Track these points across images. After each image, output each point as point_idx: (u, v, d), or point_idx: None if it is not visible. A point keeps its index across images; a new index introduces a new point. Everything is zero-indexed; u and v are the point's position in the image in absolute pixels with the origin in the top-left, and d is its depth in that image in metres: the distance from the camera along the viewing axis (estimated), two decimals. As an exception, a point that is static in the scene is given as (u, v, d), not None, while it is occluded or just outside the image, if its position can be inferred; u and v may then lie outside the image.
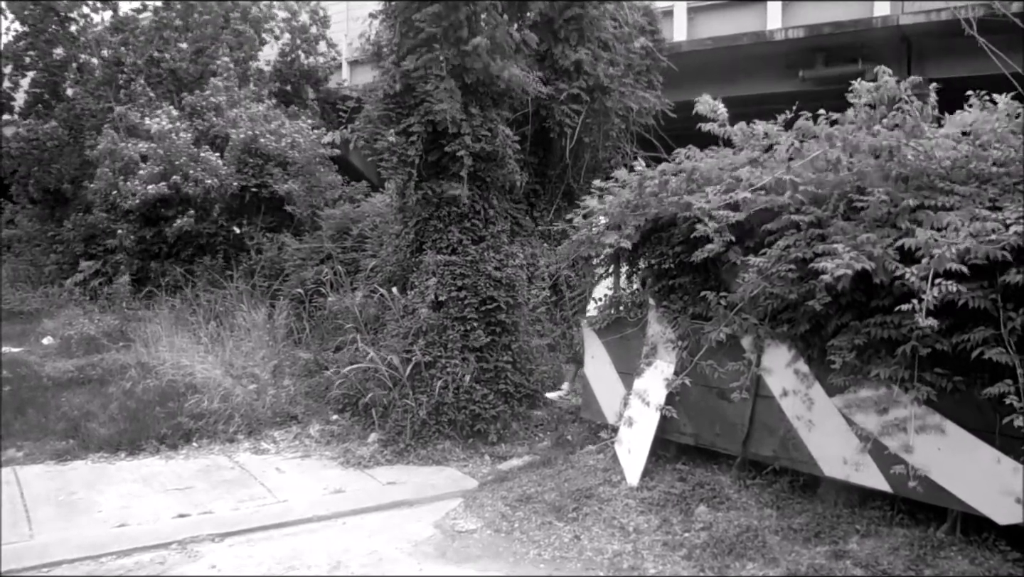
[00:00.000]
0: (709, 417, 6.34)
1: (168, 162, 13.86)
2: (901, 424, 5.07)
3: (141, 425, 8.22)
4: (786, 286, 5.41)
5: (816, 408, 5.59)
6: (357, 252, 10.78)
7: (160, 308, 12.41)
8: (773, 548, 5.19)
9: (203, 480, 7.08)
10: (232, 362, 9.60)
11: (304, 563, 5.41)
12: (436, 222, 8.41)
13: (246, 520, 6.17)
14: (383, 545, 5.70)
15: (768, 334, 5.84)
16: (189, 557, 5.54)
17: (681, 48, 16.01)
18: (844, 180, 5.62)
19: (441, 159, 8.33)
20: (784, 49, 15.45)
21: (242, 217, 14.26)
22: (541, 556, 5.49)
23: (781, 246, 5.43)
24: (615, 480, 6.48)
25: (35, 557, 5.44)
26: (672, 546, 5.42)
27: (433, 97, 8.02)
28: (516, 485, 6.71)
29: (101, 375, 10.29)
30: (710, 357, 6.21)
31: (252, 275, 12.32)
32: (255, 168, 14.36)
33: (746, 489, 5.99)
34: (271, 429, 8.37)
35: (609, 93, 9.84)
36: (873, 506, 5.46)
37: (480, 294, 7.91)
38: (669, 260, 6.44)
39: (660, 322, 6.65)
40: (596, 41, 10.01)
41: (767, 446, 5.95)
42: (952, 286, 4.42)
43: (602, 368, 7.34)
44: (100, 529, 5.98)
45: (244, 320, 10.69)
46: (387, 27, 9.14)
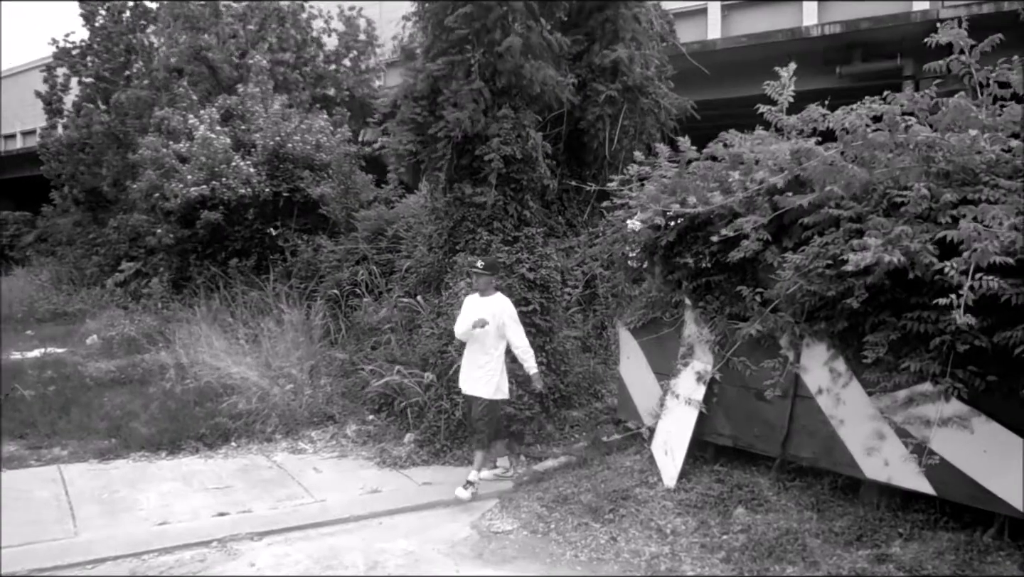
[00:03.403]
0: (747, 418, 6.27)
1: (209, 169, 14.07)
2: (944, 425, 4.98)
3: (181, 425, 8.33)
4: (824, 283, 5.32)
5: (857, 409, 5.49)
6: (392, 253, 10.84)
7: (198, 309, 12.58)
8: (814, 551, 5.11)
9: (242, 479, 7.16)
10: (269, 362, 9.70)
11: (341, 563, 5.44)
12: (468, 224, 8.42)
13: (284, 519, 6.22)
14: (419, 545, 5.71)
15: (806, 332, 5.76)
16: (228, 555, 5.60)
17: (715, 46, 15.92)
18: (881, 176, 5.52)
19: (472, 162, 8.35)
20: (821, 46, 15.27)
21: (277, 220, 14.41)
22: (578, 557, 5.47)
23: (819, 243, 5.36)
24: (652, 481, 6.44)
25: (80, 554, 5.53)
26: (710, 548, 5.37)
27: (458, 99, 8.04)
28: (552, 486, 6.69)
29: (142, 375, 10.47)
30: (747, 357, 6.15)
31: (289, 277, 12.43)
32: (285, 173, 14.52)
33: (785, 491, 5.92)
34: (308, 429, 8.44)
35: (646, 93, 9.79)
36: (916, 509, 5.36)
37: (514, 295, 7.90)
38: (705, 259, 6.37)
39: (697, 322, 6.59)
40: (631, 41, 9.96)
41: (807, 448, 5.87)
42: (993, 281, 4.32)
43: (638, 369, 7.30)
44: (142, 527, 6.06)
45: (281, 321, 10.80)
46: (419, 29, 9.19)
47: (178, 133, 15.54)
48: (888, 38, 14.46)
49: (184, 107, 16.43)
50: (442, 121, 8.22)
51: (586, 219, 10.17)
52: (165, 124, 15.98)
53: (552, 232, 9.92)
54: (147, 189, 14.95)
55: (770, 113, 6.30)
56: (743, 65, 15.43)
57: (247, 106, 15.80)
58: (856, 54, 15.25)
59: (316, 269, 12.35)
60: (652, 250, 6.91)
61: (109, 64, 20.45)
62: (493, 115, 8.15)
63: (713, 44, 15.98)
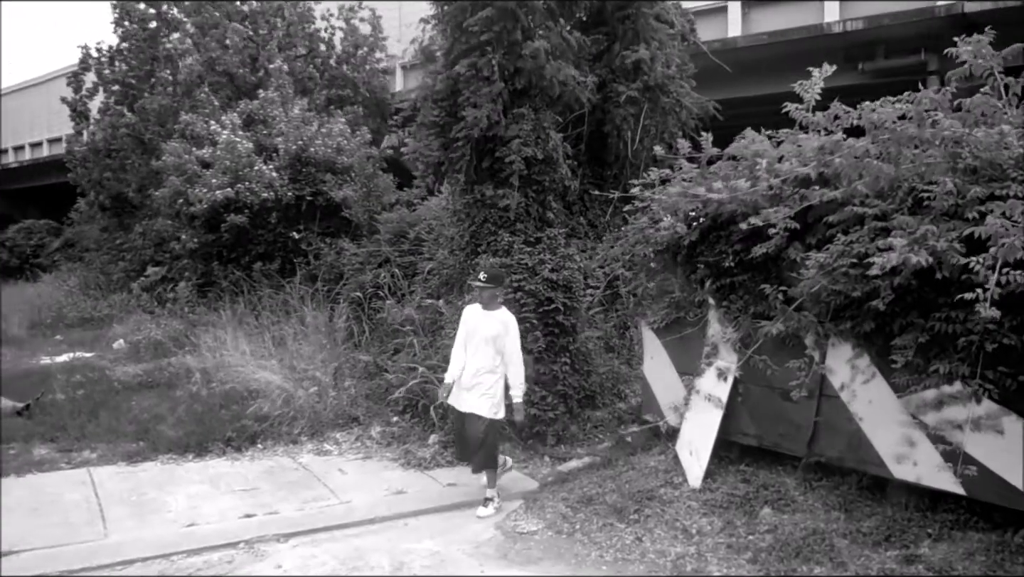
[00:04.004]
0: (772, 418, 6.24)
1: (233, 172, 14.21)
2: (972, 425, 4.92)
3: (207, 428, 8.41)
4: (849, 283, 5.28)
5: (883, 408, 5.45)
6: (414, 255, 10.87)
7: (223, 312, 12.70)
8: (841, 552, 5.08)
9: (268, 481, 7.21)
10: (294, 365, 9.77)
11: (367, 564, 5.46)
12: (490, 225, 8.43)
13: (310, 521, 6.26)
14: (445, 546, 5.73)
15: (832, 332, 5.72)
16: (256, 557, 5.64)
17: (736, 44, 15.84)
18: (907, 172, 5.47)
19: (493, 164, 8.36)
20: (843, 42, 15.15)
21: (299, 223, 14.52)
22: (603, 558, 5.46)
23: (844, 241, 5.32)
24: (677, 482, 6.42)
25: (109, 556, 5.59)
26: (736, 549, 5.34)
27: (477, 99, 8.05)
28: (577, 486, 6.69)
29: (168, 378, 10.59)
30: (772, 356, 6.11)
31: (312, 280, 12.51)
32: (308, 177, 14.64)
33: (812, 491, 5.88)
34: (333, 431, 8.49)
35: (667, 93, 9.76)
36: (945, 509, 5.30)
37: (537, 296, 7.91)
38: (729, 258, 6.35)
39: (721, 322, 6.56)
40: (652, 40, 9.94)
41: (833, 447, 5.83)
42: (1021, 276, 4.26)
43: (662, 368, 7.28)
44: (170, 529, 6.12)
45: (304, 324, 10.88)
46: (439, 31, 9.22)
47: (201, 139, 15.71)
48: (911, 33, 14.32)
49: (207, 113, 16.63)
50: (462, 122, 8.25)
51: (608, 220, 10.16)
52: (189, 130, 16.17)
53: (574, 233, 9.92)
54: (171, 196, 15.13)
55: (796, 111, 6.25)
56: (764, 63, 15.37)
57: (267, 111, 15.95)
58: (879, 50, 15.13)
59: (339, 272, 12.42)
60: (675, 250, 6.90)
61: (135, 71, 20.75)
62: (513, 116, 8.15)
63: (734, 42, 15.90)
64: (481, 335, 6.35)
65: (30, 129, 36.29)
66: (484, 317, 6.42)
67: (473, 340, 6.40)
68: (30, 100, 35.74)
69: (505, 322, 6.38)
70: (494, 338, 6.30)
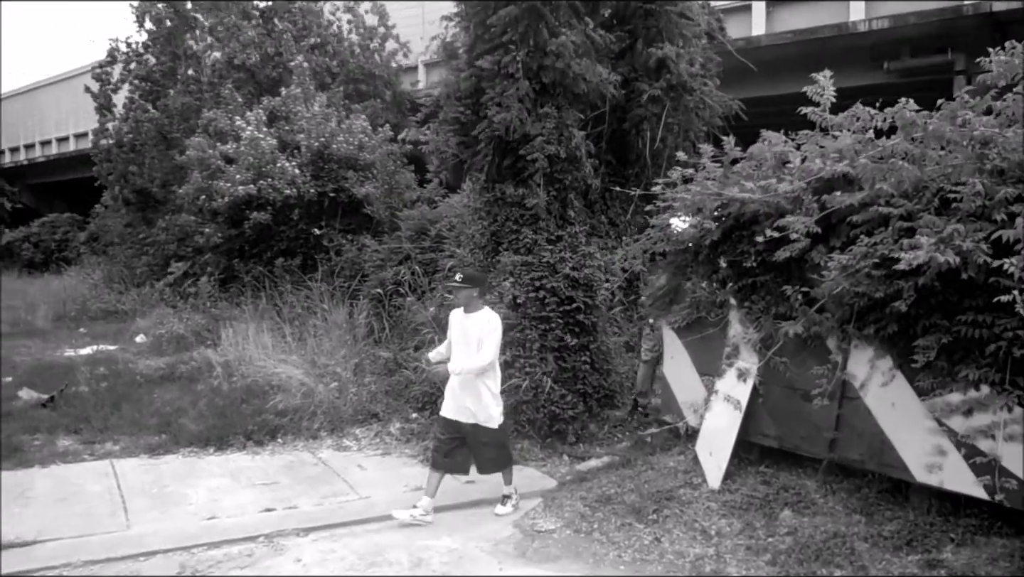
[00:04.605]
0: (793, 419, 6.19)
1: (256, 168, 14.31)
2: (996, 429, 4.86)
3: (228, 421, 8.48)
4: (872, 284, 5.23)
5: (906, 411, 5.39)
6: (435, 252, 10.89)
7: (245, 308, 12.80)
8: (862, 556, 5.03)
9: (288, 476, 7.26)
10: (314, 360, 9.82)
11: (386, 559, 5.48)
12: (511, 223, 8.43)
13: (329, 515, 6.30)
14: (463, 544, 5.74)
15: (854, 334, 5.66)
16: (275, 550, 5.68)
17: (760, 42, 15.77)
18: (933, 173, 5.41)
19: (516, 162, 8.36)
20: (868, 41, 15.05)
21: (321, 220, 14.60)
22: (621, 558, 5.45)
23: (867, 243, 5.27)
24: (696, 482, 6.39)
25: (131, 547, 5.66)
26: (756, 551, 5.31)
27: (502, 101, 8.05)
28: (595, 486, 6.67)
29: (190, 372, 10.67)
30: (793, 358, 6.07)
31: (333, 276, 12.57)
32: (330, 174, 14.72)
33: (832, 494, 5.83)
34: (353, 427, 8.52)
35: (691, 91, 9.71)
36: (968, 514, 5.23)
37: (559, 295, 7.91)
38: (751, 258, 6.30)
39: (742, 322, 6.53)
40: (675, 39, 9.89)
41: (854, 450, 5.78)
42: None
43: (682, 369, 7.25)
44: (191, 521, 6.19)
45: (325, 320, 10.94)
46: (461, 29, 9.23)
47: (225, 134, 15.83)
48: (938, 32, 14.19)
49: (230, 109, 16.76)
50: (485, 121, 8.25)
51: (629, 218, 10.13)
52: (212, 125, 16.30)
53: (594, 231, 9.89)
54: (194, 192, 15.26)
55: (814, 114, 6.20)
56: (788, 62, 15.27)
57: (290, 107, 16.05)
58: (904, 49, 15.01)
59: (360, 268, 12.47)
60: (697, 250, 6.86)
61: (159, 67, 20.97)
62: (536, 115, 8.15)
63: (758, 41, 15.83)
64: (466, 338, 6.15)
65: (56, 124, 36.72)
66: (466, 320, 6.21)
67: (459, 345, 6.22)
68: (57, 95, 36.17)
69: (488, 320, 6.12)
70: (476, 340, 6.07)
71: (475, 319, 6.15)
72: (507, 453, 6.41)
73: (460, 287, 6.18)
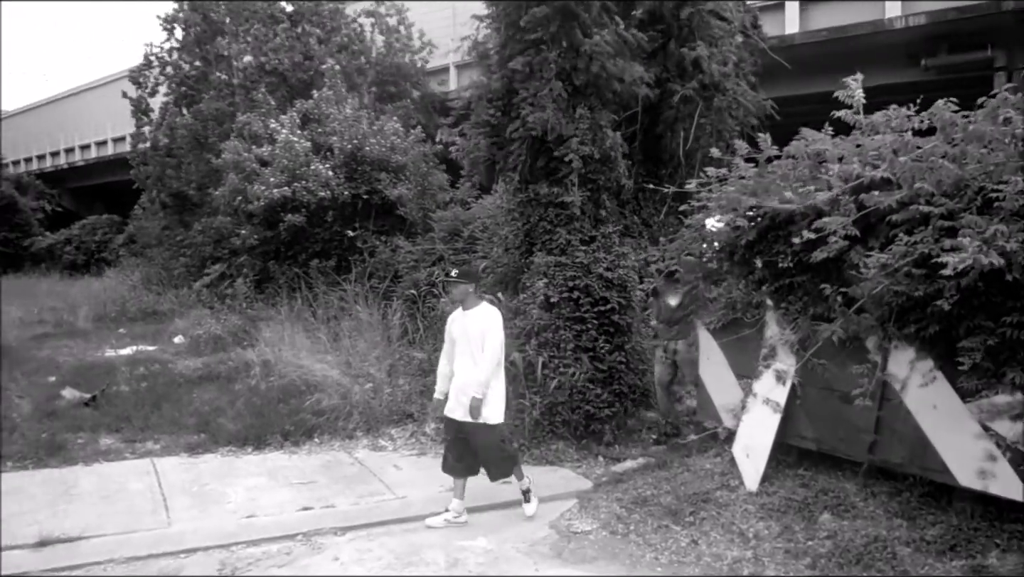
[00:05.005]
0: (832, 421, 6.12)
1: (291, 171, 14.46)
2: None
3: (266, 421, 8.58)
4: (912, 284, 5.16)
5: (949, 414, 5.30)
6: (468, 253, 10.93)
7: (281, 308, 12.94)
8: (904, 560, 4.96)
9: (324, 475, 7.33)
10: (349, 361, 9.91)
11: (422, 559, 5.51)
12: (545, 224, 8.42)
13: (366, 515, 6.35)
14: (499, 544, 5.75)
15: (894, 335, 5.57)
16: (313, 549, 5.74)
17: (793, 40, 15.62)
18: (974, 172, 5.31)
19: (549, 163, 8.36)
20: (904, 38, 14.85)
21: (355, 221, 14.73)
22: (658, 560, 5.43)
23: (907, 242, 5.19)
24: (733, 485, 6.35)
25: (172, 544, 5.76)
26: (795, 554, 5.27)
27: (536, 101, 8.05)
28: (631, 487, 6.66)
29: (228, 372, 10.81)
30: (832, 359, 6.00)
31: (367, 277, 12.66)
32: (363, 175, 14.84)
33: (873, 498, 5.75)
34: (388, 427, 8.58)
35: (724, 91, 9.65)
36: (1014, 519, 5.11)
37: (593, 295, 7.90)
38: (787, 258, 6.24)
39: (779, 323, 6.46)
40: (708, 38, 9.83)
41: (895, 453, 5.70)
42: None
43: (718, 370, 7.21)
44: (230, 519, 6.27)
45: (359, 320, 11.02)
46: (492, 30, 9.24)
47: (259, 137, 16.02)
48: (977, 28, 13.96)
49: (264, 112, 16.96)
50: (518, 121, 8.26)
51: (662, 219, 10.08)
52: (247, 129, 16.51)
53: (627, 232, 9.86)
54: (230, 194, 15.46)
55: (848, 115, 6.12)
56: (822, 59, 15.11)
57: (322, 109, 16.21)
58: (942, 46, 14.78)
59: (394, 269, 12.56)
60: (732, 250, 6.81)
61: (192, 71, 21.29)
62: (569, 115, 8.14)
63: (791, 39, 15.68)
64: (467, 337, 6.03)
65: (95, 128, 37.39)
66: (466, 318, 6.09)
67: (459, 345, 6.09)
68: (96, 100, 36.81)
69: (487, 315, 6.02)
70: (479, 338, 5.94)
71: (474, 315, 6.05)
72: (510, 454, 6.23)
73: (456, 282, 6.13)
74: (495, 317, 6.05)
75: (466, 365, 6.03)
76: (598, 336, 7.91)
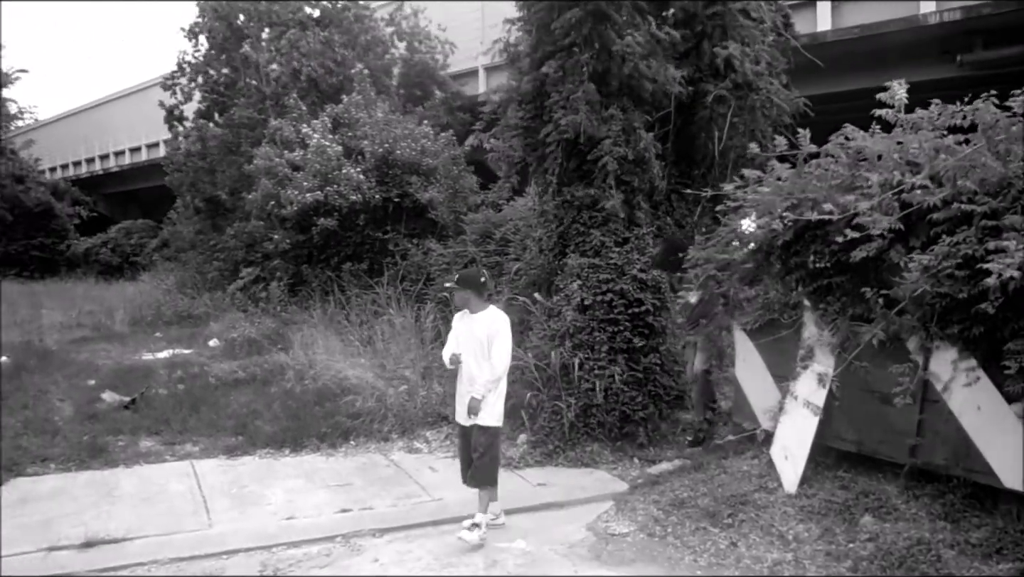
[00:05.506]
0: (872, 423, 6.05)
1: (323, 176, 14.60)
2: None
3: (302, 424, 8.67)
4: (955, 285, 5.09)
5: (993, 415, 5.21)
6: (500, 256, 10.95)
7: (314, 312, 13.05)
8: (948, 563, 4.90)
9: (361, 477, 7.39)
10: (383, 364, 9.99)
11: (461, 560, 5.54)
12: (578, 226, 8.43)
13: (404, 517, 6.40)
14: (537, 546, 5.77)
15: (936, 336, 5.50)
16: (352, 550, 5.80)
17: (825, 38, 15.43)
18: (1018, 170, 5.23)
19: (581, 165, 8.36)
20: (939, 33, 14.62)
21: (386, 225, 14.83)
22: (697, 562, 5.41)
23: (950, 242, 5.13)
24: (771, 487, 6.29)
25: (214, 545, 5.84)
26: (836, 557, 5.22)
27: (568, 104, 8.04)
28: (668, 489, 6.64)
29: (263, 375, 10.93)
30: (872, 360, 5.93)
31: (399, 280, 12.74)
32: (394, 179, 14.93)
33: (915, 500, 5.66)
34: (423, 429, 8.64)
35: (757, 90, 9.58)
36: (1063, 522, 5.06)
37: (627, 297, 7.89)
38: (825, 258, 6.18)
39: (817, 324, 6.40)
40: (739, 38, 9.76)
41: (938, 455, 5.62)
42: None
43: (754, 371, 7.16)
44: (270, 521, 6.35)
45: (393, 323, 11.08)
46: (524, 32, 9.25)
47: (291, 143, 16.18)
48: (1014, 23, 13.69)
49: (295, 117, 17.13)
50: (551, 125, 8.26)
51: (695, 220, 10.02)
52: (279, 135, 16.68)
53: (660, 233, 9.82)
54: (262, 199, 15.64)
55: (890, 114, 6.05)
56: (855, 57, 14.96)
57: (352, 114, 16.33)
58: (977, 41, 14.54)
59: (426, 272, 12.62)
60: (768, 251, 6.76)
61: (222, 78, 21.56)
62: (602, 117, 8.14)
63: (823, 36, 15.49)
64: (471, 340, 6.00)
65: (128, 135, 37.95)
66: (472, 321, 6.05)
67: (467, 346, 6.05)
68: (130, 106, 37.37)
69: (494, 319, 5.95)
70: (485, 340, 5.90)
71: (481, 319, 6.00)
72: (493, 468, 6.02)
73: (454, 288, 6.20)
74: (503, 322, 5.98)
75: (471, 365, 5.99)
76: (632, 337, 7.90)
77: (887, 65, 14.82)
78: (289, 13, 20.40)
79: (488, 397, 5.89)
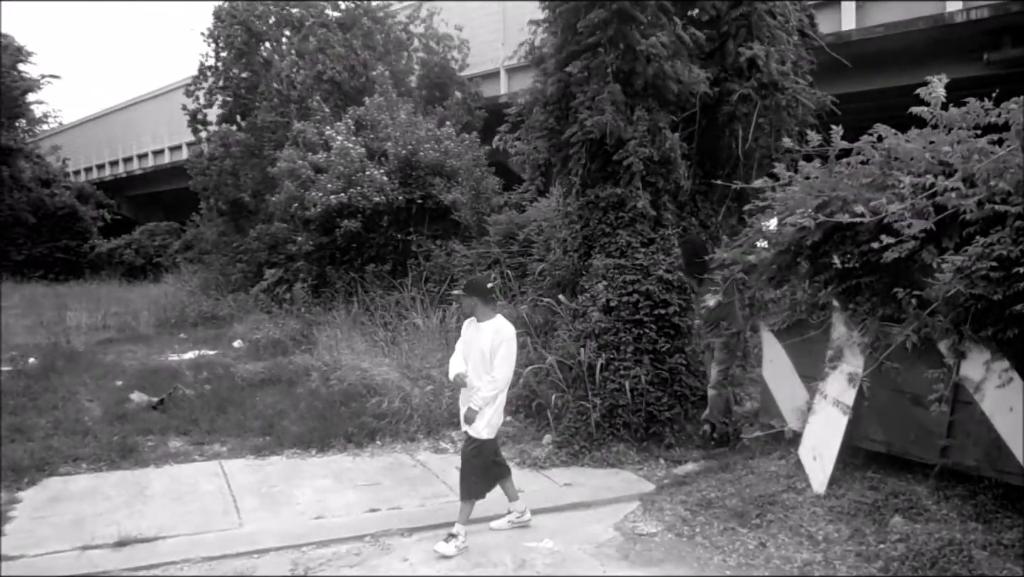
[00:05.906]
0: (902, 424, 6.01)
1: (347, 177, 14.68)
2: None
3: (329, 424, 8.73)
4: (990, 286, 5.06)
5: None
6: (524, 257, 10.98)
7: (338, 313, 13.12)
8: (981, 564, 4.86)
9: (388, 477, 7.43)
10: (408, 364, 10.02)
11: (490, 560, 5.57)
12: (604, 226, 8.44)
13: (431, 516, 6.41)
14: (565, 546, 5.78)
15: (969, 337, 5.46)
16: (382, 550, 5.83)
17: (850, 37, 15.32)
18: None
19: (606, 165, 8.37)
20: (965, 32, 14.48)
21: (409, 226, 14.90)
22: (726, 562, 5.40)
23: (983, 243, 5.09)
24: (799, 487, 6.27)
25: (245, 544, 5.89)
26: (866, 557, 5.19)
27: (593, 105, 8.05)
28: (695, 489, 6.63)
29: (289, 376, 11.01)
30: (902, 361, 5.89)
31: (423, 281, 12.79)
32: (418, 181, 15.00)
33: (946, 501, 5.63)
34: (448, 429, 8.66)
35: (782, 90, 9.54)
36: (1096, 523, 5.02)
37: (652, 297, 7.88)
38: (854, 259, 6.15)
39: (846, 324, 6.37)
40: (765, 38, 9.73)
41: (969, 456, 5.58)
42: None
43: (782, 371, 7.13)
44: (299, 520, 6.40)
45: (417, 324, 11.13)
46: (549, 33, 9.26)
47: (314, 145, 16.29)
48: (1043, 20, 13.56)
49: (318, 120, 17.24)
50: (576, 125, 8.27)
51: (720, 220, 9.99)
52: (302, 137, 16.80)
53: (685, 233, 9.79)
54: (286, 201, 15.74)
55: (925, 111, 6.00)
56: (880, 56, 14.85)
57: (374, 115, 16.42)
58: (1006, 39, 14.39)
59: (450, 273, 12.66)
60: (796, 251, 6.73)
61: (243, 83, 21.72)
62: (628, 118, 8.14)
63: (848, 35, 15.38)
64: (475, 348, 5.94)
65: (152, 137, 38.33)
66: (478, 330, 5.97)
67: (470, 354, 6.01)
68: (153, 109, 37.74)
69: (498, 330, 5.85)
70: (488, 350, 5.83)
71: (485, 329, 5.92)
72: (475, 480, 5.95)
73: (462, 296, 6.22)
74: (508, 334, 5.87)
75: (472, 376, 5.94)
76: (658, 338, 7.90)
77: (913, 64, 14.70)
78: (311, 16, 20.53)
79: (485, 410, 5.86)
